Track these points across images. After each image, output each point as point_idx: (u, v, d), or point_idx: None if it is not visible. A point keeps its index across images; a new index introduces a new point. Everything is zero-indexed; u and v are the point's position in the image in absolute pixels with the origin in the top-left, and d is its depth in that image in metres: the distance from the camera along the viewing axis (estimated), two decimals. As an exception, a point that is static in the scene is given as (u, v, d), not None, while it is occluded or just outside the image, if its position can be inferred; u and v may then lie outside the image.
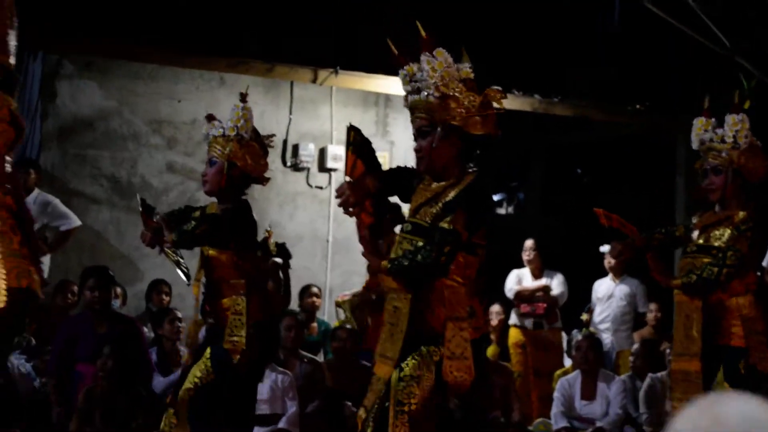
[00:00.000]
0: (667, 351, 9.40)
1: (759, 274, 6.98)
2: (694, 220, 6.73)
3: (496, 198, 18.18)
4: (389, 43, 5.17)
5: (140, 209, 6.53)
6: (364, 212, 5.43)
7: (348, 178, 5.48)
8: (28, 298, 3.13)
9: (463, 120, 5.00)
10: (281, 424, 8.37)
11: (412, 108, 5.16)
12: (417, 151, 5.13)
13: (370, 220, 5.48)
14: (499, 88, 5.12)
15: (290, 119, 12.27)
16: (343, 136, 12.35)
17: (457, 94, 5.01)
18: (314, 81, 11.84)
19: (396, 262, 4.95)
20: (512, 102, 12.77)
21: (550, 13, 12.83)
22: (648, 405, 9.21)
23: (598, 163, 17.38)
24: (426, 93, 5.03)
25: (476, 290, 5.12)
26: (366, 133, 12.53)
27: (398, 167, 5.57)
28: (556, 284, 11.34)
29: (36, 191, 9.74)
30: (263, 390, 8.32)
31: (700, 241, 6.52)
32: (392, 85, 11.97)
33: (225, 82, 11.95)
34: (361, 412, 5.10)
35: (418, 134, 5.13)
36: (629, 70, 13.39)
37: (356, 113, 12.61)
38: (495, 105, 5.07)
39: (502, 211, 18.56)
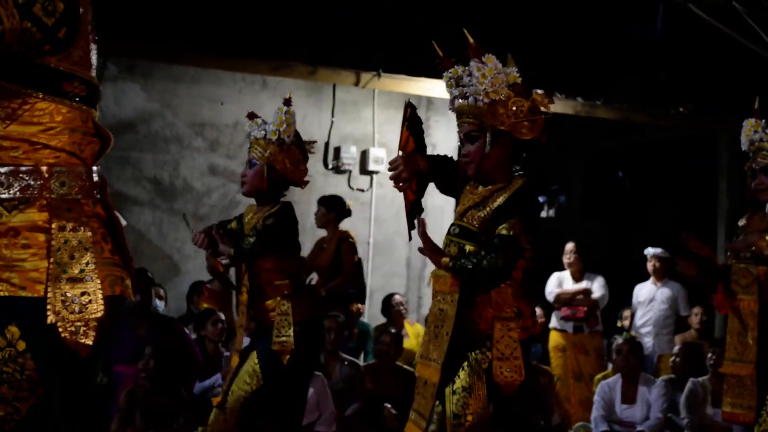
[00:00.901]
0: (709, 355, 9.36)
1: None
2: (741, 223, 6.67)
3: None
4: (434, 45, 5.19)
5: (186, 224, 6.62)
6: (410, 189, 5.51)
7: (401, 153, 5.47)
8: (121, 305, 3.19)
9: (511, 125, 5.02)
10: (318, 427, 8.37)
11: (460, 112, 5.18)
12: (464, 155, 5.15)
13: (413, 197, 5.57)
14: (547, 93, 5.18)
15: (332, 122, 12.30)
16: (385, 139, 12.46)
17: (505, 99, 5.02)
18: (357, 84, 11.86)
19: (460, 262, 4.96)
20: (555, 105, 12.68)
21: (593, 16, 12.79)
22: (689, 410, 9.16)
23: (639, 166, 17.32)
24: (475, 99, 5.05)
25: (523, 292, 5.12)
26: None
27: (443, 156, 5.59)
28: (597, 287, 11.31)
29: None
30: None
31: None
32: (434, 88, 12.00)
33: (267, 85, 11.99)
34: (414, 417, 5.09)
35: (467, 139, 5.15)
36: (672, 73, 13.33)
37: (398, 116, 12.54)
38: (543, 110, 5.11)
39: (543, 214, 18.51)
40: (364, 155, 12.37)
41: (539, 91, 5.17)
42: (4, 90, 3.03)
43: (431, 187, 11.62)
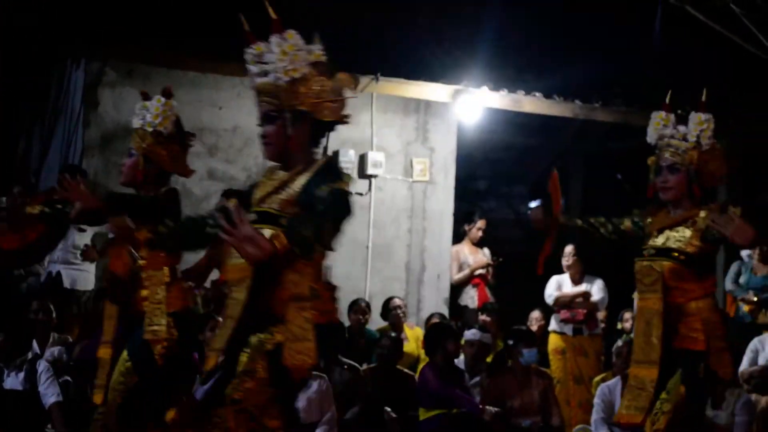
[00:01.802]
0: None
1: None
2: (647, 220, 6.54)
3: (534, 204, 18.09)
4: (241, 19, 5.06)
5: None
6: None
7: None
8: None
9: (312, 105, 4.85)
10: (319, 430, 8.38)
11: (259, 91, 4.95)
12: (263, 137, 4.92)
13: None
14: (352, 74, 5.01)
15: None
16: (383, 143, 12.45)
17: (306, 78, 4.83)
18: (354, 87, 11.84)
19: (296, 234, 4.61)
20: (553, 108, 12.76)
21: (591, 18, 12.80)
22: (689, 411, 9.16)
23: (639, 169, 17.26)
24: (274, 76, 4.84)
25: (324, 276, 4.94)
26: (406, 139, 12.66)
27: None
28: (596, 290, 11.31)
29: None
30: (298, 398, 8.33)
31: (659, 243, 6.26)
32: (432, 92, 12.02)
33: (266, 89, 11.97)
34: None
35: (264, 119, 4.93)
36: (670, 76, 13.33)
37: (396, 119, 12.62)
38: (346, 91, 4.95)
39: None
40: (362, 159, 12.35)
41: (346, 72, 4.99)
42: None
43: (431, 191, 11.57)
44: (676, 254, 6.15)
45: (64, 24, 10.94)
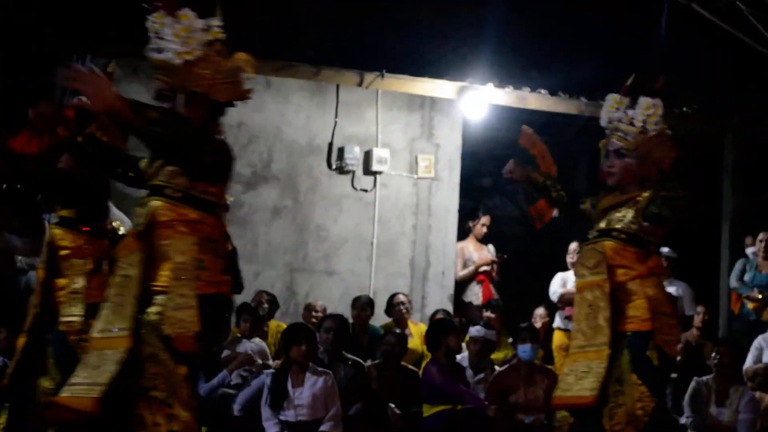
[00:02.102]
0: (713, 354, 9.36)
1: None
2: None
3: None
4: None
5: None
6: None
7: None
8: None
9: (207, 87, 4.85)
10: (323, 427, 8.38)
11: (155, 66, 4.97)
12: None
13: None
14: (251, 57, 5.01)
15: (336, 122, 12.28)
16: (389, 139, 12.45)
17: (201, 59, 4.84)
18: (360, 84, 11.88)
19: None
20: (558, 105, 12.75)
21: (596, 15, 12.79)
22: (693, 409, 9.16)
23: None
24: (167, 56, 4.84)
25: (213, 249, 4.94)
26: (411, 135, 12.67)
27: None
28: (601, 287, 11.30)
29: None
30: (303, 394, 8.35)
31: (602, 225, 6.26)
32: (438, 88, 12.01)
33: (271, 85, 11.99)
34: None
35: (158, 97, 4.95)
36: (676, 73, 13.31)
37: (402, 116, 12.63)
38: (244, 71, 4.97)
39: (547, 214, 18.47)
40: (367, 156, 12.36)
41: (244, 53, 5.02)
42: None
43: (436, 187, 11.59)
44: (617, 233, 6.11)
45: (68, 22, 10.94)
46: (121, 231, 10.01)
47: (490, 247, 12.55)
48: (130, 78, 11.43)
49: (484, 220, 12.52)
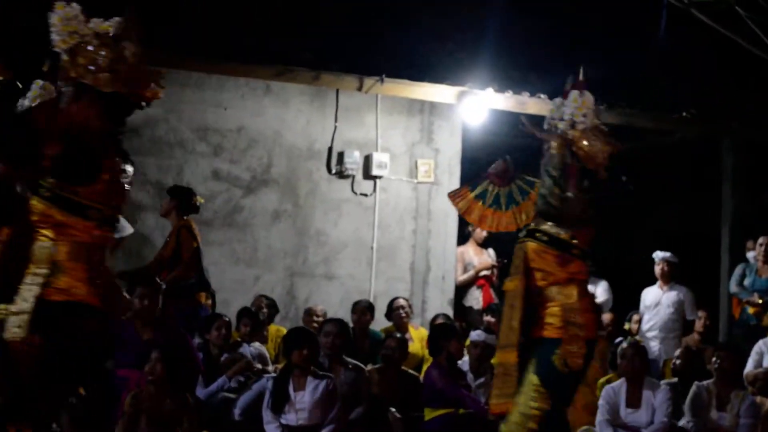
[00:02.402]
0: (713, 359, 9.36)
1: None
2: None
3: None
4: None
5: None
6: None
7: None
8: None
9: (92, 77, 4.74)
10: (324, 430, 8.37)
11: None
12: None
13: None
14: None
15: (336, 127, 12.28)
16: (388, 144, 12.46)
17: (83, 47, 4.74)
18: (360, 89, 11.87)
19: None
20: (558, 110, 12.74)
21: (595, 20, 12.80)
22: (694, 413, 9.15)
23: (643, 170, 17.26)
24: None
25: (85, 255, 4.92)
26: (410, 140, 12.67)
27: None
28: (601, 292, 11.31)
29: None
30: (305, 398, 8.35)
31: (531, 225, 6.41)
32: (437, 93, 12.01)
33: (271, 90, 11.99)
34: None
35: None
36: (675, 78, 13.33)
37: (401, 121, 12.63)
38: (128, 58, 4.82)
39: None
40: (367, 160, 12.36)
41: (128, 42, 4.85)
42: None
43: (435, 192, 11.55)
44: (539, 234, 6.11)
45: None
46: (127, 233, 10.06)
47: (491, 251, 12.54)
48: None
49: (483, 223, 12.52)
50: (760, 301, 11.18)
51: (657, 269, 11.49)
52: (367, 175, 12.41)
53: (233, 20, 11.18)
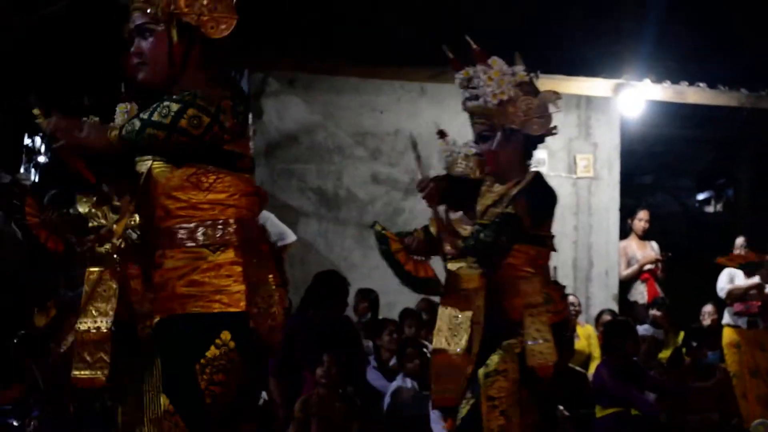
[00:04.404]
0: None
1: None
2: None
3: (702, 196, 17.82)
4: (445, 50, 5.55)
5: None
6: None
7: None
8: (288, 314, 4.40)
9: (521, 123, 5.26)
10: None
11: (471, 113, 5.45)
12: (480, 155, 5.66)
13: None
14: (555, 91, 5.43)
15: (490, 126, 12.24)
16: (545, 140, 12.36)
17: (514, 98, 5.27)
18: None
19: (466, 244, 5.23)
20: (718, 98, 12.53)
21: (755, 3, 12.55)
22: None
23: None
24: (484, 100, 5.28)
25: (549, 278, 5.40)
26: (568, 135, 12.57)
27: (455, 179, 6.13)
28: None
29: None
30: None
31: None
32: (594, 87, 11.90)
33: (426, 92, 12.02)
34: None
35: (480, 139, 5.44)
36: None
37: (557, 116, 12.46)
38: (551, 107, 5.35)
39: (710, 209, 18.19)
40: (524, 157, 12.29)
41: (550, 90, 5.43)
42: (205, 171, 4.15)
43: (595, 187, 11.41)
44: None
45: (225, 37, 11.15)
46: (290, 240, 10.23)
47: (654, 244, 12.38)
48: (287, 90, 11.59)
49: (642, 214, 12.38)
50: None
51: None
52: (527, 171, 12.34)
53: (387, 24, 11.26)
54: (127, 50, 4.34)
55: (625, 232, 12.55)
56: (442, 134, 6.74)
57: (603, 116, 12.62)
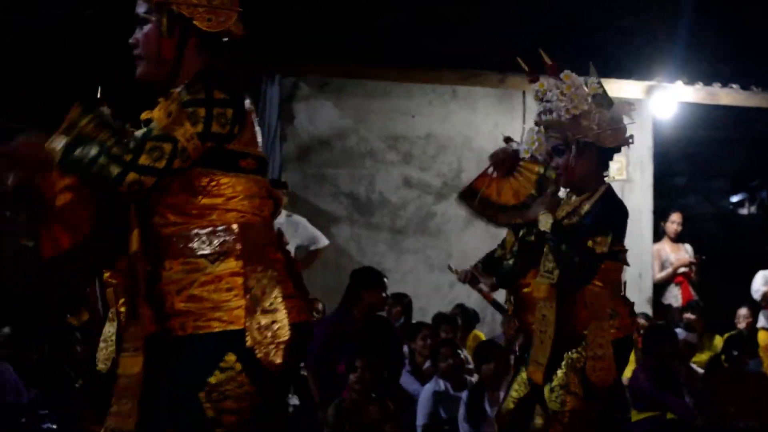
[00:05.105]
0: None
1: None
2: None
3: (736, 198, 17.72)
4: (519, 61, 5.63)
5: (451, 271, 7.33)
6: None
7: None
8: (305, 330, 3.96)
9: (595, 135, 5.27)
10: None
11: (546, 127, 5.41)
12: (555, 168, 5.40)
13: None
14: (629, 102, 5.52)
15: (524, 129, 12.23)
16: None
17: (587, 111, 5.27)
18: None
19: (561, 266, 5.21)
20: (751, 99, 12.47)
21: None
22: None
23: None
24: (558, 114, 5.26)
25: (619, 292, 5.41)
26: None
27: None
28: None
29: (284, 212, 9.88)
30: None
31: None
32: (625, 89, 11.85)
33: (457, 94, 12.02)
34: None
35: (554, 152, 5.39)
36: None
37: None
38: (626, 118, 5.40)
39: (744, 211, 18.09)
40: (557, 161, 12.26)
41: (624, 101, 5.50)
42: (196, 174, 3.77)
43: (628, 189, 11.39)
44: None
45: (256, 43, 11.19)
46: (323, 244, 10.27)
47: (687, 247, 12.33)
48: (318, 94, 11.61)
49: (674, 217, 12.35)
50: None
51: None
52: (558, 175, 12.31)
53: (416, 28, 11.25)
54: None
55: (658, 235, 12.50)
56: (508, 140, 6.74)
57: (635, 118, 12.55)
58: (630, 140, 5.42)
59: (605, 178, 5.39)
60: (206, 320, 3.77)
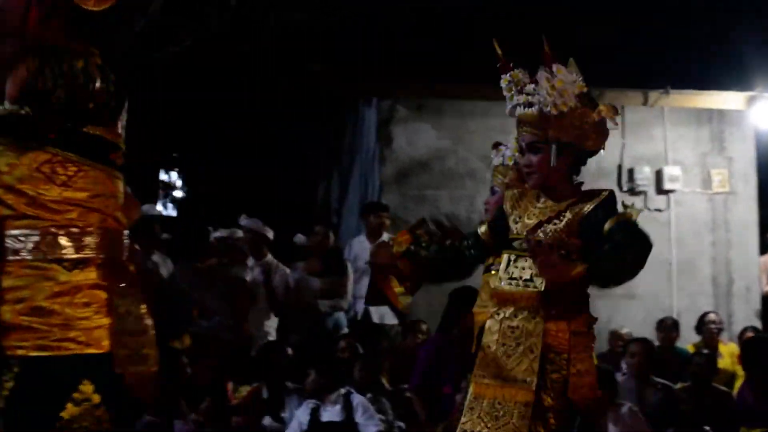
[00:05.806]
0: None
1: None
2: None
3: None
4: (495, 45, 5.08)
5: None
6: None
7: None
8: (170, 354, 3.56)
9: (577, 137, 4.84)
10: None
11: (522, 121, 4.95)
12: (527, 166, 4.90)
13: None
14: (614, 106, 4.95)
15: (623, 143, 12.16)
16: (679, 156, 12.24)
17: (573, 110, 4.83)
18: (645, 103, 11.74)
19: (599, 266, 4.70)
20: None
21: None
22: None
23: None
24: (542, 109, 4.83)
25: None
26: (701, 150, 12.39)
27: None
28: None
29: (385, 235, 9.86)
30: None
31: None
32: (726, 100, 11.74)
33: (558, 111, 11.97)
34: None
35: (529, 149, 4.92)
36: None
37: (690, 132, 12.39)
38: (609, 123, 4.88)
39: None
40: (658, 174, 12.17)
41: (609, 104, 4.95)
42: (63, 159, 3.20)
43: (732, 201, 11.20)
44: None
45: (353, 66, 11.26)
46: None
47: (796, 258, 12.17)
48: (414, 116, 11.64)
49: (778, 228, 12.23)
50: None
51: None
52: (660, 189, 12.22)
53: (511, 46, 11.23)
54: None
55: (764, 247, 12.33)
56: (497, 145, 6.53)
57: (737, 130, 12.43)
58: (602, 147, 4.96)
59: (576, 183, 5.01)
60: (56, 340, 3.14)
